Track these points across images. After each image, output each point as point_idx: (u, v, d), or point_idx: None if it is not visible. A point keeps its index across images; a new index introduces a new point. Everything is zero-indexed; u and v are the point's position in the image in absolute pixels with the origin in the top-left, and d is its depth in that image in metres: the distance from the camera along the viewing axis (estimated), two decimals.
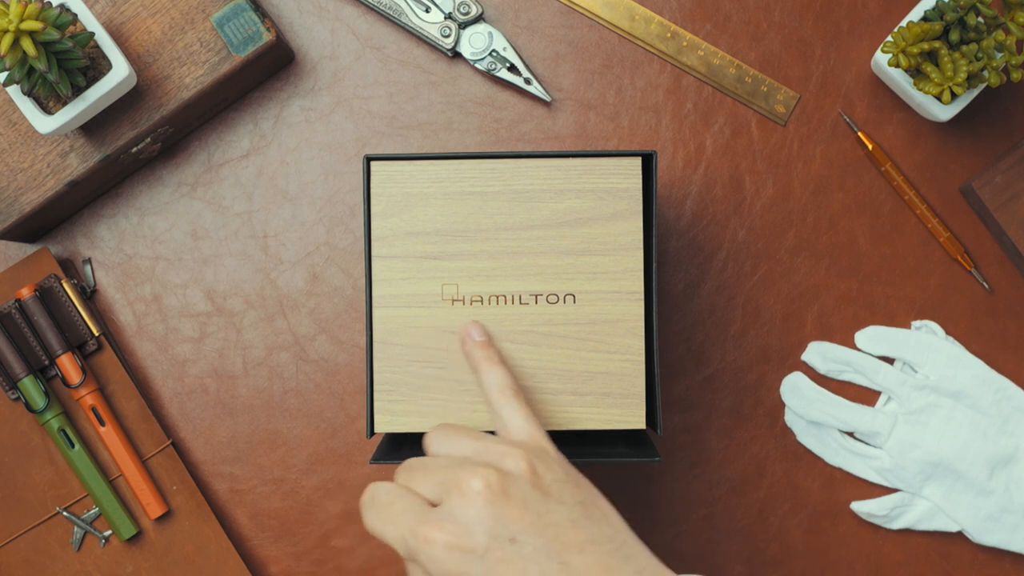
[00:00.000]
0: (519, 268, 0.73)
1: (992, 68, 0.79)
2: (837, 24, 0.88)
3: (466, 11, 0.86)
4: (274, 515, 0.88)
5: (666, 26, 0.88)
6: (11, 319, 0.84)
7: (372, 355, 0.72)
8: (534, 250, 0.73)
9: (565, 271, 0.72)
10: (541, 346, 0.72)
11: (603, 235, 0.73)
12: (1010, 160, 0.85)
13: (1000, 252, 0.88)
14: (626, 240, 0.73)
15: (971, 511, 0.86)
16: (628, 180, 0.73)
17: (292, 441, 0.88)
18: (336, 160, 0.88)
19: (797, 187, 0.88)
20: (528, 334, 0.72)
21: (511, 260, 0.73)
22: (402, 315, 0.72)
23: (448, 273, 0.72)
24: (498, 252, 0.73)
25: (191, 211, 0.88)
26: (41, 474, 0.86)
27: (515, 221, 0.73)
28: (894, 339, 0.87)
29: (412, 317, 0.72)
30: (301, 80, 0.88)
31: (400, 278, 0.72)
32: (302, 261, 0.88)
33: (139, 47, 0.81)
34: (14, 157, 0.81)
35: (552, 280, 0.73)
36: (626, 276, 0.73)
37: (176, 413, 0.88)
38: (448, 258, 0.73)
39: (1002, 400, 0.86)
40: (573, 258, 0.73)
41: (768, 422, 0.88)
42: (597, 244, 0.73)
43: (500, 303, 0.72)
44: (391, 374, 0.72)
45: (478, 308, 0.72)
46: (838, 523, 0.87)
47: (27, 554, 0.85)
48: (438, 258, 0.73)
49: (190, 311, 0.88)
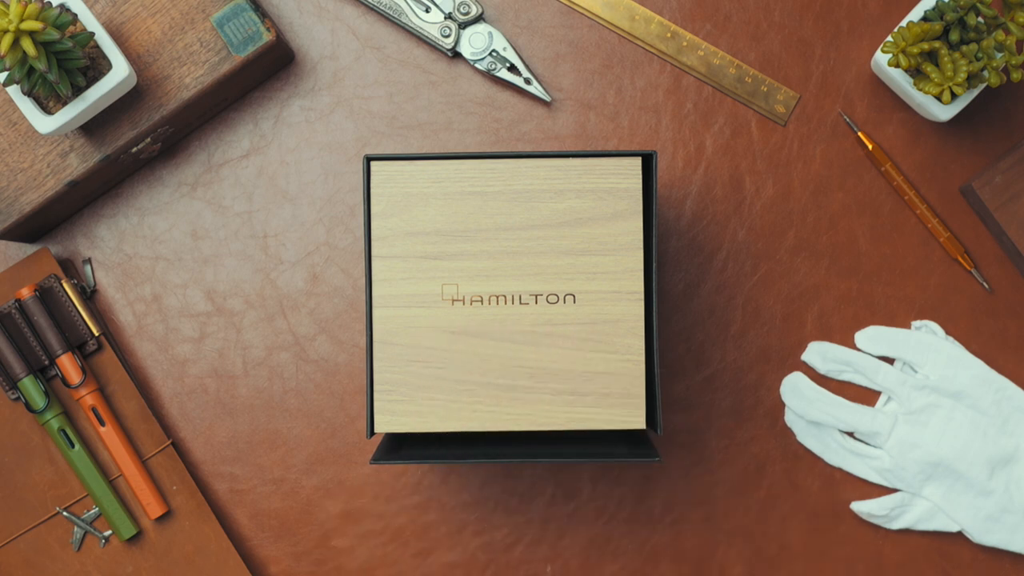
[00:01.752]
0: (519, 268, 0.73)
1: (992, 68, 0.79)
2: (837, 24, 0.88)
3: (466, 11, 0.86)
4: (274, 515, 0.88)
5: (666, 26, 0.88)
6: (11, 319, 0.84)
7: (372, 355, 0.72)
8: (534, 250, 0.73)
9: (565, 271, 0.73)
10: (542, 346, 0.72)
11: (603, 235, 0.73)
12: (1010, 160, 0.85)
13: (1000, 252, 0.88)
14: (626, 240, 0.73)
15: (971, 511, 0.86)
16: (628, 180, 0.73)
17: (292, 441, 0.88)
18: (336, 160, 0.88)
19: (797, 187, 0.88)
20: (529, 334, 0.72)
21: (511, 260, 0.73)
22: (402, 315, 0.72)
23: (448, 273, 0.72)
24: (498, 252, 0.73)
25: (191, 211, 0.88)
26: (41, 474, 0.86)
27: (515, 221, 0.73)
28: (894, 339, 0.87)
29: (412, 317, 0.72)
30: (301, 80, 0.88)
31: (400, 278, 0.72)
32: (302, 261, 0.88)
33: (139, 47, 0.81)
34: (14, 157, 0.81)
35: (552, 280, 0.73)
36: (626, 276, 0.73)
37: (176, 413, 0.88)
38: (448, 258, 0.73)
39: (1002, 400, 0.86)
40: (573, 258, 0.73)
41: (768, 422, 0.88)
42: (597, 244, 0.73)
43: (500, 303, 0.73)
44: (391, 374, 0.72)
45: (478, 308, 0.72)
46: (838, 523, 0.87)
47: (27, 554, 0.85)
48: (438, 258, 0.73)
49: (190, 311, 0.88)
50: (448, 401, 0.72)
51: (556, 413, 0.72)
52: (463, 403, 0.72)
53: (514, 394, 0.72)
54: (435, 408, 0.73)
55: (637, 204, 0.73)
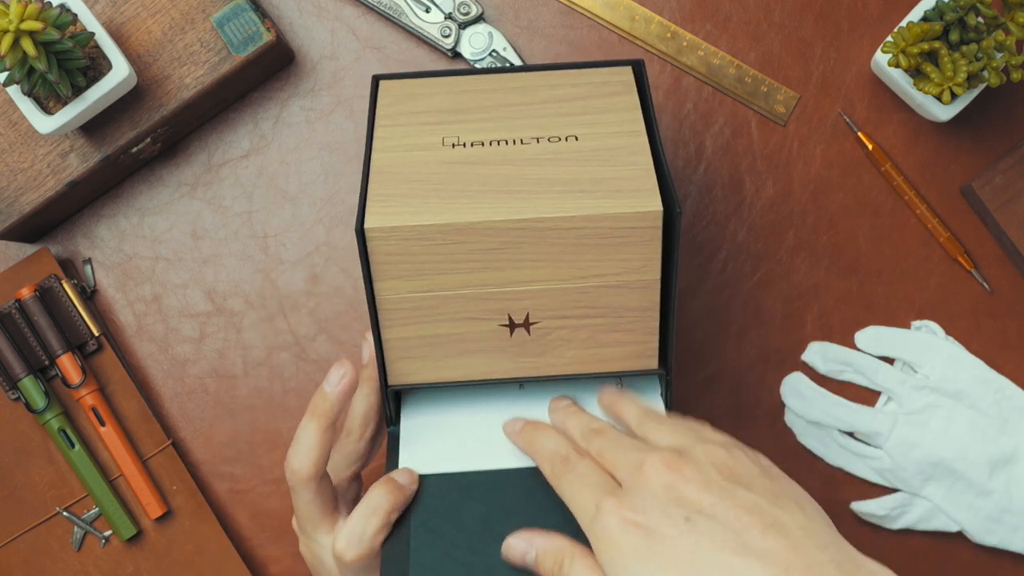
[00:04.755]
0: (520, 125, 0.71)
1: (992, 68, 0.79)
2: (837, 24, 0.88)
3: (466, 11, 0.86)
4: (274, 515, 0.88)
5: (666, 26, 0.88)
6: (11, 319, 0.84)
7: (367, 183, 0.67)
8: (534, 114, 0.71)
9: (566, 125, 0.70)
10: (545, 166, 0.67)
11: (602, 104, 0.72)
12: (1010, 160, 0.85)
13: (1000, 252, 0.88)
14: (625, 104, 0.72)
15: (971, 511, 0.86)
16: (622, 76, 0.74)
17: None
18: (336, 160, 0.88)
19: (797, 187, 0.88)
20: (532, 160, 0.68)
21: (512, 121, 0.71)
22: (401, 156, 0.69)
23: (449, 130, 0.71)
24: (499, 117, 0.71)
25: (191, 211, 0.88)
26: (41, 474, 0.86)
27: (514, 100, 0.73)
28: (894, 339, 0.87)
29: (411, 157, 0.69)
30: (301, 80, 0.89)
31: (400, 136, 0.70)
32: (302, 261, 0.88)
33: (139, 47, 0.81)
34: (14, 157, 0.81)
35: (554, 129, 0.70)
36: (628, 123, 0.70)
37: (176, 413, 0.88)
38: (450, 123, 0.71)
39: (1002, 400, 0.86)
40: (573, 117, 0.71)
41: (768, 422, 0.88)
42: (596, 110, 0.71)
43: (501, 144, 0.69)
44: (385, 190, 0.67)
45: (478, 150, 0.69)
46: (838, 523, 0.87)
47: (27, 554, 0.85)
48: (440, 123, 0.71)
49: (190, 311, 0.88)
50: (446, 203, 0.66)
51: (565, 203, 0.65)
52: (462, 203, 0.66)
53: (518, 196, 0.66)
54: (430, 208, 0.65)
55: (633, 89, 0.73)
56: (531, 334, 0.69)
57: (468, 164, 0.68)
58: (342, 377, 0.69)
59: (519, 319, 0.68)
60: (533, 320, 0.68)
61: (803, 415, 0.87)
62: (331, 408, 0.69)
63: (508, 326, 0.68)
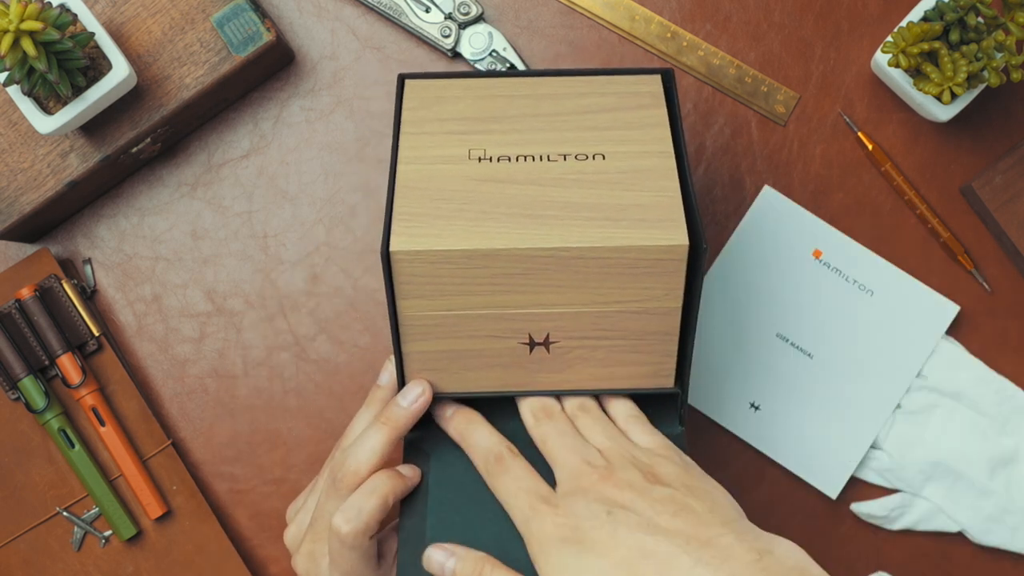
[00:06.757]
0: (547, 139, 0.70)
1: (992, 68, 0.79)
2: (837, 24, 0.88)
3: (466, 11, 0.86)
4: (274, 515, 0.88)
5: (666, 26, 0.88)
6: (11, 319, 0.84)
7: (393, 197, 0.67)
8: (561, 127, 0.71)
9: (593, 141, 0.70)
10: (571, 188, 0.67)
11: (630, 118, 0.71)
12: (1010, 160, 0.85)
13: (1000, 252, 0.88)
14: (654, 119, 0.71)
15: (971, 511, 0.86)
16: (650, 86, 0.73)
17: (292, 441, 0.88)
18: (336, 160, 0.88)
19: (797, 187, 0.88)
20: (558, 180, 0.68)
21: (538, 134, 0.71)
22: (427, 168, 0.69)
23: (476, 141, 0.70)
24: (526, 128, 0.71)
25: (191, 211, 0.88)
26: (41, 474, 0.86)
27: (542, 110, 0.72)
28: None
29: (437, 170, 0.69)
30: (301, 80, 0.89)
31: (427, 146, 0.70)
32: (302, 261, 0.88)
33: (139, 47, 0.81)
34: (14, 157, 0.81)
35: (581, 145, 0.70)
36: (655, 142, 0.70)
37: (176, 413, 0.88)
38: (476, 133, 0.71)
39: (1002, 400, 0.86)
40: (600, 132, 0.71)
41: None
42: (624, 124, 0.71)
43: (528, 160, 0.69)
44: (411, 208, 0.67)
45: (505, 164, 0.69)
46: (838, 523, 0.87)
47: (27, 554, 0.85)
48: (466, 133, 0.71)
49: (190, 311, 0.88)
50: (471, 226, 0.66)
51: (590, 233, 0.65)
52: (488, 227, 0.66)
53: (543, 221, 0.66)
54: (455, 231, 0.66)
55: (662, 102, 0.72)
56: (550, 352, 0.69)
57: (494, 182, 0.68)
58: (419, 396, 0.70)
59: (539, 338, 0.68)
60: (553, 340, 0.69)
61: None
62: (403, 422, 0.70)
63: (528, 344, 0.69)
